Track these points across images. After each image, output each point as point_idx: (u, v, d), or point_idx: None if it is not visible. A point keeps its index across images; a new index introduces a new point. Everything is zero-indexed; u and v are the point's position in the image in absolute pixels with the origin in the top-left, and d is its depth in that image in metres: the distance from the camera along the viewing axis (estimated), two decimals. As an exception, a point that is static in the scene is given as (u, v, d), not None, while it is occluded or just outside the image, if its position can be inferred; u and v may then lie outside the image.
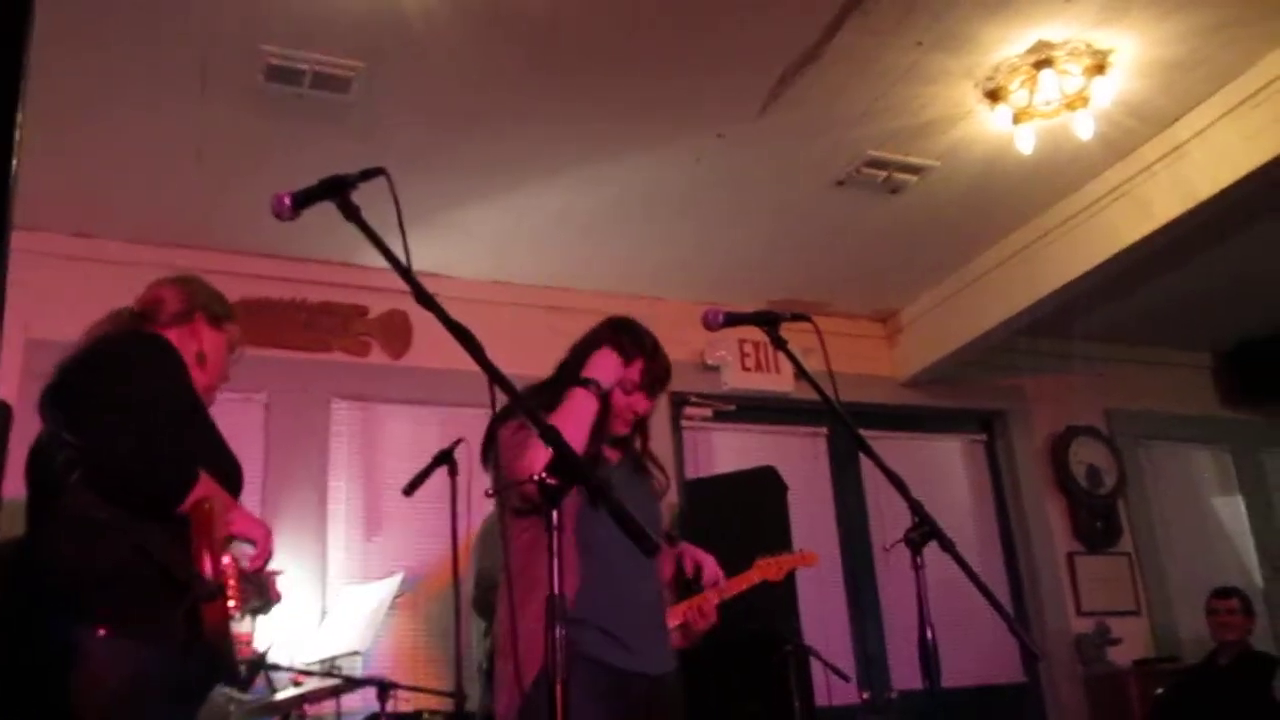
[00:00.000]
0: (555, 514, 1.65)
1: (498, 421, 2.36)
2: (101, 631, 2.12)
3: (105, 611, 2.14)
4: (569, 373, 2.50)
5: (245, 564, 2.38)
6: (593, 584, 2.30)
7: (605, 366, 2.46)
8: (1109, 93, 4.13)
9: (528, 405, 1.78)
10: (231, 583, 2.31)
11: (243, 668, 2.44)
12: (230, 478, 2.46)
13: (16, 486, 2.22)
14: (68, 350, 2.40)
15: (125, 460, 2.20)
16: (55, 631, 2.14)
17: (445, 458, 3.67)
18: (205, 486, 2.28)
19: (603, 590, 2.32)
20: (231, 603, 2.30)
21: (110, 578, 2.17)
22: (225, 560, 2.30)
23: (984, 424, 6.73)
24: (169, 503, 2.23)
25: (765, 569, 3.61)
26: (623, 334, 2.56)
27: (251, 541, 2.38)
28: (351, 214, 1.78)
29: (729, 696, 4.66)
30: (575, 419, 2.33)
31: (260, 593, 2.54)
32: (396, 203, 1.75)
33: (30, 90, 1.21)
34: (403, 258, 1.73)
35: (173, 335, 2.53)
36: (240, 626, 2.42)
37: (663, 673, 2.44)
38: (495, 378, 1.86)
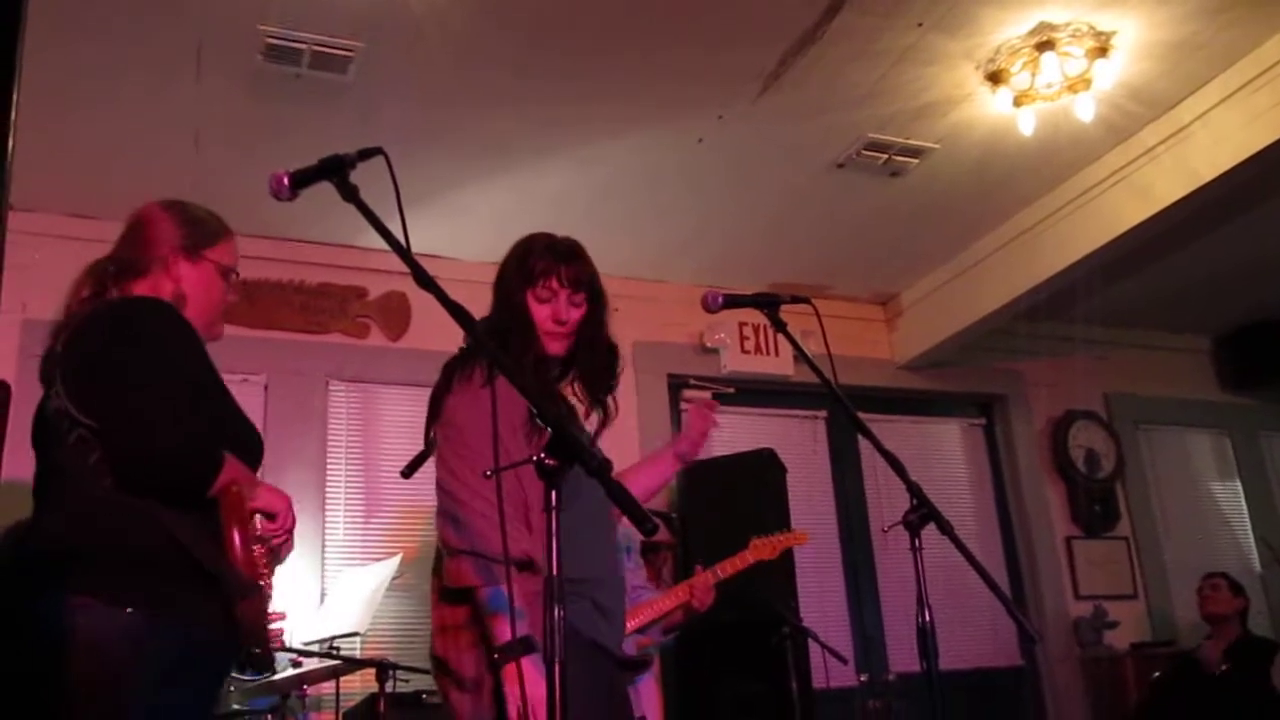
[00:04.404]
0: (554, 495, 1.63)
1: (456, 374, 2.25)
2: (129, 610, 1.99)
3: (131, 593, 2.01)
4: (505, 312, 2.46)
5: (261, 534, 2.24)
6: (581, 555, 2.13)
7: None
8: (1111, 75, 4.11)
9: (532, 389, 1.76)
10: (265, 572, 2.18)
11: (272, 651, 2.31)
12: (249, 448, 2.29)
13: (13, 467, 2.20)
14: (68, 318, 2.27)
15: (148, 450, 2.05)
16: (74, 614, 1.99)
17: (444, 440, 3.66)
18: (231, 469, 2.15)
19: (588, 561, 2.19)
20: (269, 595, 2.18)
21: (138, 560, 2.04)
22: (258, 549, 2.17)
23: (983, 408, 6.73)
24: (196, 492, 2.10)
25: (760, 549, 3.72)
26: (521, 259, 2.55)
27: (273, 514, 2.24)
28: (350, 194, 1.75)
29: (727, 678, 4.68)
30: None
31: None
32: (395, 183, 1.72)
33: (27, 71, 1.20)
34: (402, 239, 1.71)
35: (144, 286, 2.31)
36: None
37: (624, 655, 2.34)
38: (494, 359, 1.86)
